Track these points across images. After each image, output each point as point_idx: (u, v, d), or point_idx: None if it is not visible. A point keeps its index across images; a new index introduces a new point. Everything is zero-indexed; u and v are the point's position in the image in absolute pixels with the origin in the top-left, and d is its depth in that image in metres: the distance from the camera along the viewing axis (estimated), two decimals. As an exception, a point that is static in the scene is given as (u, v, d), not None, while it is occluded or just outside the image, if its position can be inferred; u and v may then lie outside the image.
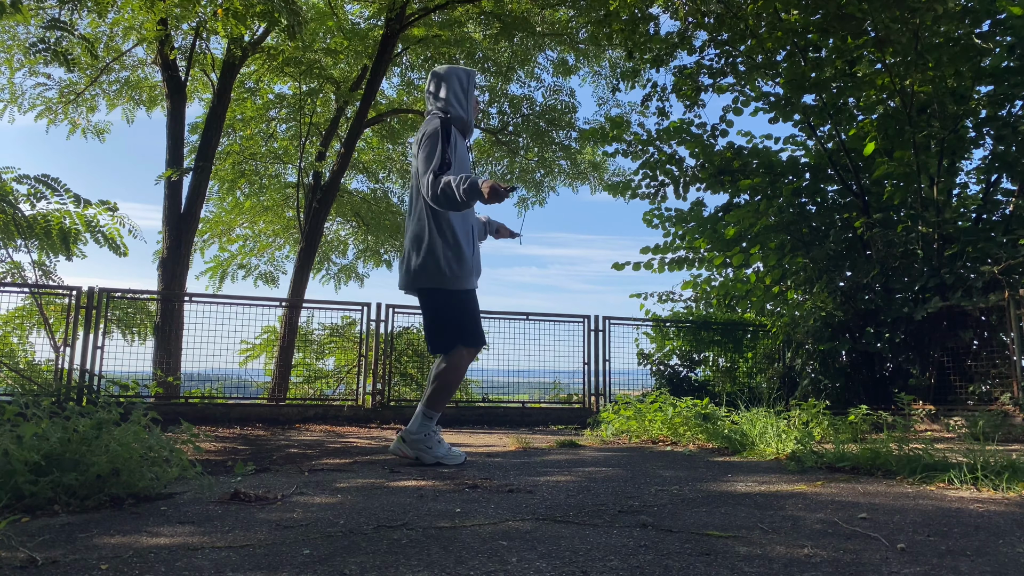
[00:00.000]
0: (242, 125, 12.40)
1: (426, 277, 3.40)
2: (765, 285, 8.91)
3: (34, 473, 2.27)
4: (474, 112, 3.62)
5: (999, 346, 6.97)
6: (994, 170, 7.99)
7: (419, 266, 3.40)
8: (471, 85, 3.55)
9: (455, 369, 3.48)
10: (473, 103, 3.58)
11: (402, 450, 3.46)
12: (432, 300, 3.47)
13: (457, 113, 3.49)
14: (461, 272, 3.36)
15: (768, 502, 2.60)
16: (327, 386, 8.81)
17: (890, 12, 6.90)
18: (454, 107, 3.49)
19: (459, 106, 3.50)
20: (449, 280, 3.37)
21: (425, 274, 3.39)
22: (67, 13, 7.91)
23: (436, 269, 3.36)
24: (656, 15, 8.38)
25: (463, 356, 3.49)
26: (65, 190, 6.29)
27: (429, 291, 3.43)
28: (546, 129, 13.27)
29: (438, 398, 3.47)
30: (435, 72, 3.56)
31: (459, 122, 3.51)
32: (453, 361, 3.47)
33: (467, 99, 3.52)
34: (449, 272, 3.35)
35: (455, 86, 3.50)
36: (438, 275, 3.37)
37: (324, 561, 1.71)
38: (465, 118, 3.52)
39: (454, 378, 3.48)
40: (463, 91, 3.51)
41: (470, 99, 3.54)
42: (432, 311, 3.51)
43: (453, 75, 3.53)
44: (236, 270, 15.00)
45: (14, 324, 7.51)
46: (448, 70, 3.54)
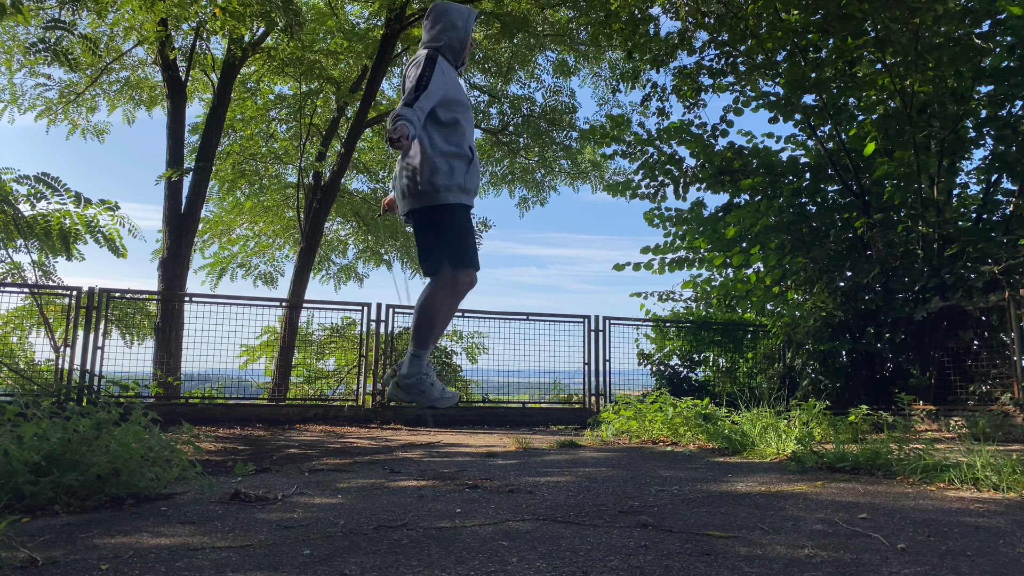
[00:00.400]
0: (242, 125, 12.40)
1: (414, 197, 3.23)
2: (765, 285, 8.91)
3: (34, 473, 2.27)
4: (470, 47, 3.64)
5: (999, 346, 6.97)
6: (994, 170, 7.99)
7: (408, 188, 3.23)
8: (470, 20, 3.57)
9: (438, 295, 3.09)
10: (469, 40, 3.60)
11: (398, 395, 3.29)
12: (420, 219, 3.29)
13: (450, 40, 3.51)
14: (451, 184, 3.23)
15: (768, 502, 2.60)
16: (327, 386, 8.81)
17: (890, 12, 6.90)
18: (449, 36, 3.49)
19: (455, 34, 3.52)
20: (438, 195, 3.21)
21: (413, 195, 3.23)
22: (67, 13, 7.92)
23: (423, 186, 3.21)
24: (656, 16, 8.39)
25: (447, 279, 3.06)
26: (65, 190, 6.29)
27: (418, 211, 3.27)
28: (546, 129, 13.27)
29: (422, 333, 3.09)
30: (434, 5, 3.58)
31: (452, 51, 3.53)
32: (436, 285, 3.08)
33: (465, 29, 3.54)
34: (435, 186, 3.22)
35: (454, 17, 3.53)
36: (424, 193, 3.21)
37: (324, 561, 1.71)
38: (459, 47, 3.54)
39: (439, 304, 3.10)
40: (462, 22, 3.54)
41: (469, 31, 3.55)
42: (420, 232, 3.31)
43: (452, 8, 3.55)
44: (235, 269, 15.00)
45: (14, 324, 7.51)
46: (448, 4, 3.56)
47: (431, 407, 3.16)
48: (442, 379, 8.16)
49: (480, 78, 13.20)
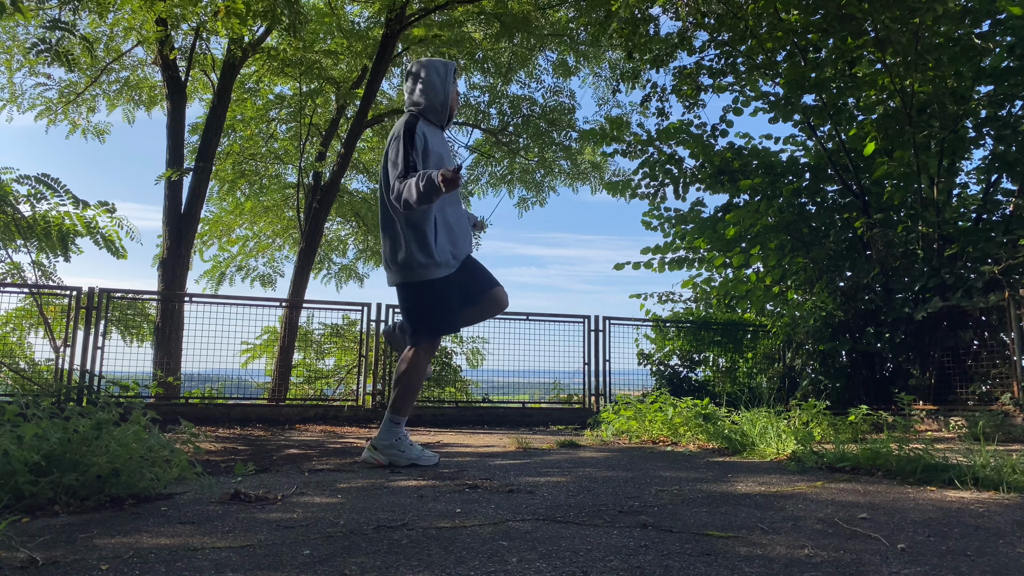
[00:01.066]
0: (242, 126, 12.40)
1: (391, 274, 3.43)
2: (765, 285, 8.92)
3: (34, 473, 2.27)
4: (454, 102, 3.60)
5: (999, 346, 6.97)
6: (994, 170, 7.99)
7: (388, 262, 3.44)
8: (449, 75, 3.53)
9: (412, 368, 3.42)
10: (452, 94, 3.55)
11: (375, 458, 3.46)
12: (403, 292, 3.49)
13: (432, 103, 3.48)
14: (426, 263, 3.34)
15: (768, 502, 2.60)
16: (327, 386, 8.81)
17: (890, 12, 6.90)
18: (429, 97, 3.48)
19: (435, 96, 3.49)
20: (414, 273, 3.36)
21: (393, 270, 3.42)
22: (67, 13, 7.91)
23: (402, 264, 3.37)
24: (656, 16, 8.39)
25: (419, 353, 3.46)
26: (65, 191, 6.29)
27: (399, 286, 3.46)
28: (546, 129, 13.27)
29: (402, 402, 3.46)
30: (411, 65, 3.56)
31: (434, 113, 3.50)
32: (410, 360, 3.45)
33: (444, 89, 3.51)
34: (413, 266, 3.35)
35: (432, 77, 3.50)
36: (404, 270, 3.38)
37: (324, 561, 1.71)
38: (441, 108, 3.51)
39: (414, 378, 3.43)
40: (440, 81, 3.50)
41: (448, 89, 3.52)
42: (402, 302, 3.56)
43: (430, 66, 3.52)
44: (234, 272, 15.00)
45: (14, 324, 7.51)
46: (424, 62, 3.53)
47: (410, 465, 3.32)
48: (442, 380, 8.17)
49: (480, 78, 13.19)
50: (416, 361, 3.43)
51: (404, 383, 3.43)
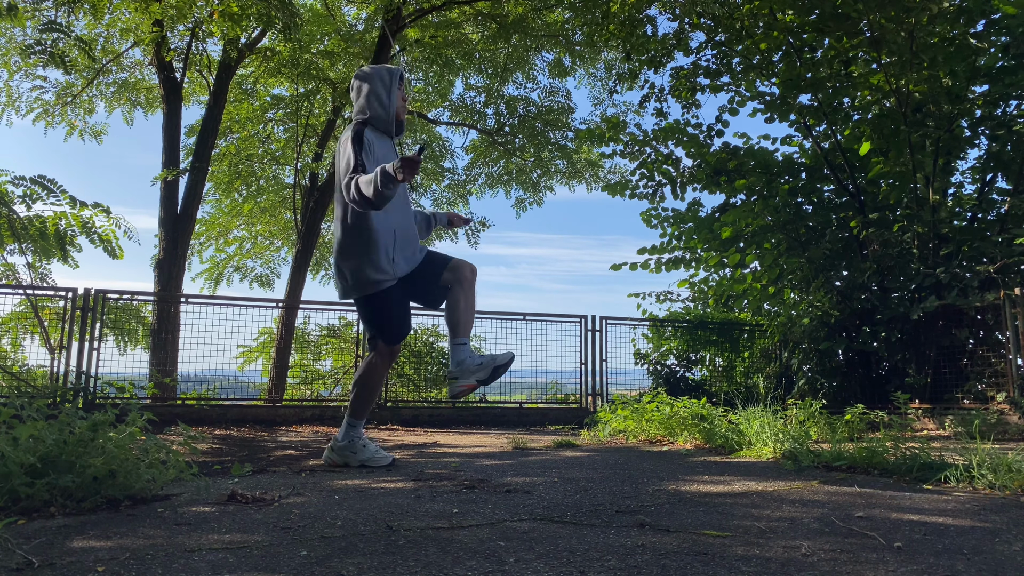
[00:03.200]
0: (239, 127, 12.38)
1: (345, 287, 3.47)
2: (762, 285, 8.93)
3: (30, 475, 2.27)
4: (400, 110, 3.58)
5: (995, 345, 6.99)
6: (989, 169, 8.02)
7: (338, 278, 3.47)
8: (394, 83, 3.50)
9: (369, 373, 3.50)
10: (398, 100, 3.54)
11: (332, 458, 3.52)
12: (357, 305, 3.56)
13: (377, 112, 3.47)
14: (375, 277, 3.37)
15: (765, 501, 2.60)
16: (324, 387, 8.80)
17: (885, 12, 6.92)
18: (373, 107, 3.47)
19: (379, 105, 3.47)
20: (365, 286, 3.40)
21: (344, 287, 3.47)
22: (63, 15, 7.90)
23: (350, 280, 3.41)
24: (654, 16, 8.40)
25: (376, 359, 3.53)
26: (61, 191, 6.28)
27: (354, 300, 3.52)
28: (542, 130, 13.27)
29: (359, 405, 3.55)
30: (356, 74, 3.54)
31: (380, 121, 3.49)
32: (368, 365, 3.53)
33: (389, 97, 3.49)
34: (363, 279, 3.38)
35: (376, 86, 3.48)
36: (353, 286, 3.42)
37: (321, 562, 1.71)
38: (386, 117, 3.49)
39: (370, 381, 3.51)
40: (385, 89, 3.48)
41: (393, 97, 3.50)
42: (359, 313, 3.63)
43: (375, 75, 3.51)
44: (232, 272, 14.97)
45: (8, 326, 7.49)
46: (370, 70, 3.52)
47: (360, 467, 3.36)
48: (439, 380, 8.16)
49: (476, 79, 13.20)
50: (373, 367, 3.52)
51: (360, 387, 3.53)
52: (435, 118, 13.70)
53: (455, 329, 3.47)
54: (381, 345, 3.51)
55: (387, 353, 3.55)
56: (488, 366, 3.38)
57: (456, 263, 3.56)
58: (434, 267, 3.53)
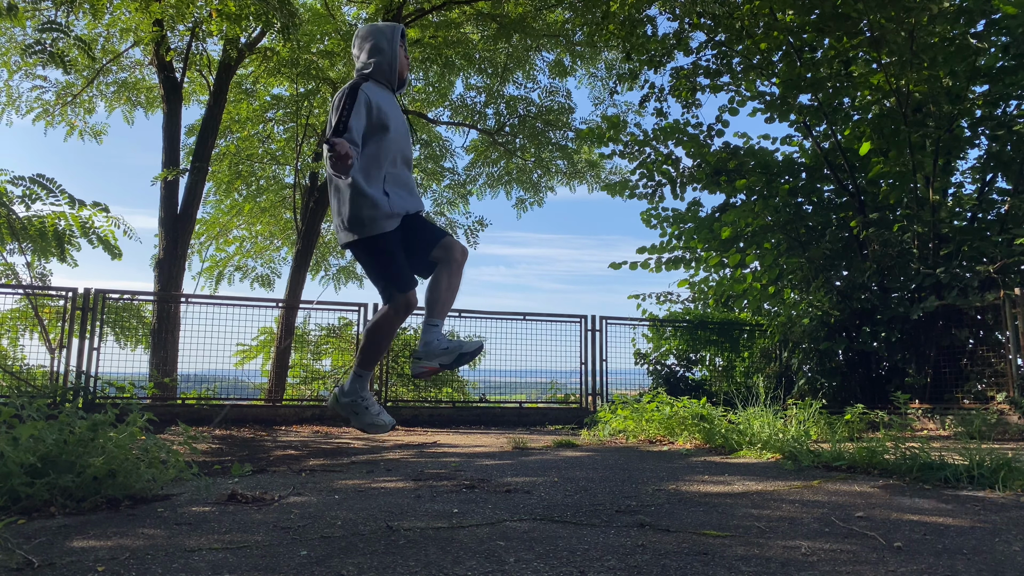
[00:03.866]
0: (239, 126, 12.38)
1: (344, 232, 3.40)
2: (762, 284, 8.93)
3: (30, 475, 2.27)
4: (403, 65, 3.59)
5: (995, 345, 6.99)
6: (989, 169, 8.01)
7: (338, 223, 3.39)
8: (396, 37, 3.53)
9: (383, 324, 3.36)
10: (401, 56, 3.56)
11: (336, 409, 3.44)
12: (356, 252, 3.46)
13: (379, 63, 3.48)
14: (368, 215, 3.32)
15: (765, 501, 2.60)
16: (324, 387, 8.80)
17: (885, 12, 6.92)
18: (376, 57, 3.48)
19: (381, 56, 3.48)
20: (360, 228, 3.32)
21: (343, 230, 3.39)
22: (63, 15, 7.89)
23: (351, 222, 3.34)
24: (654, 16, 8.40)
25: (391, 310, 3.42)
26: (60, 191, 6.27)
27: (351, 245, 3.42)
28: (543, 130, 13.27)
29: (368, 355, 3.42)
30: (358, 30, 3.55)
31: (383, 73, 3.50)
32: (383, 316, 3.42)
33: (391, 49, 3.50)
34: (357, 222, 3.31)
35: (379, 39, 3.49)
36: (351, 228, 3.34)
37: (321, 562, 1.71)
38: (388, 68, 3.51)
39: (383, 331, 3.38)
40: (387, 42, 3.50)
41: (395, 48, 3.51)
42: (360, 263, 3.52)
43: (376, 29, 3.52)
44: (232, 272, 14.97)
45: (8, 326, 7.49)
46: (370, 27, 3.53)
47: (361, 429, 3.28)
48: (439, 380, 8.16)
49: (477, 79, 13.19)
50: (388, 318, 3.40)
51: (371, 337, 3.42)
52: (435, 118, 13.70)
53: (431, 309, 3.40)
54: (397, 295, 3.44)
55: (403, 304, 3.42)
56: (454, 352, 3.27)
57: (449, 241, 3.50)
58: (427, 236, 3.48)
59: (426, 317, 3.40)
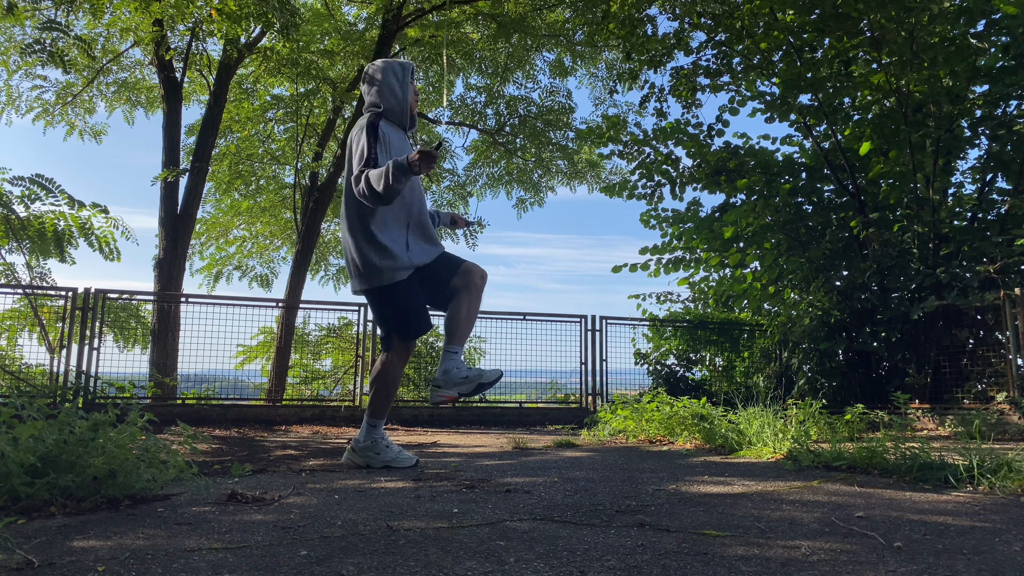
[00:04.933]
0: (239, 126, 12.38)
1: (357, 280, 3.41)
2: (762, 284, 8.93)
3: (30, 475, 2.27)
4: (413, 104, 3.57)
5: (995, 345, 6.99)
6: (989, 169, 8.01)
7: (352, 268, 3.41)
8: (407, 76, 3.51)
9: (385, 372, 3.44)
10: (411, 95, 3.54)
11: (353, 459, 3.48)
12: (369, 298, 3.49)
13: (390, 105, 3.47)
14: (384, 266, 3.32)
15: (765, 502, 2.60)
16: (324, 387, 8.80)
17: (885, 12, 6.92)
18: (387, 99, 3.46)
19: (393, 98, 3.47)
20: (375, 278, 3.34)
21: (358, 276, 3.40)
22: (63, 14, 7.90)
23: (363, 270, 3.35)
24: (653, 16, 8.40)
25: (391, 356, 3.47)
26: (60, 191, 6.28)
27: (364, 292, 3.45)
28: (543, 129, 13.28)
29: (377, 405, 3.49)
30: (368, 67, 3.55)
31: (394, 114, 3.48)
32: (383, 364, 3.47)
33: (403, 90, 3.49)
34: (372, 271, 3.32)
35: (389, 79, 3.48)
36: (366, 276, 3.35)
37: (322, 562, 1.71)
38: (400, 110, 3.49)
39: (386, 379, 3.45)
40: (398, 83, 3.48)
41: (406, 90, 3.50)
42: (372, 307, 3.56)
43: (388, 69, 3.50)
44: (232, 271, 14.97)
45: (7, 326, 7.49)
46: (382, 64, 3.52)
47: (384, 468, 3.32)
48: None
49: (477, 79, 13.19)
50: (391, 364, 3.46)
51: (378, 386, 3.47)
52: (435, 118, 13.70)
53: (451, 336, 3.39)
54: (396, 342, 3.46)
55: (402, 350, 3.45)
56: (473, 381, 3.31)
57: (467, 267, 3.48)
58: (446, 269, 3.48)
59: (446, 344, 3.40)
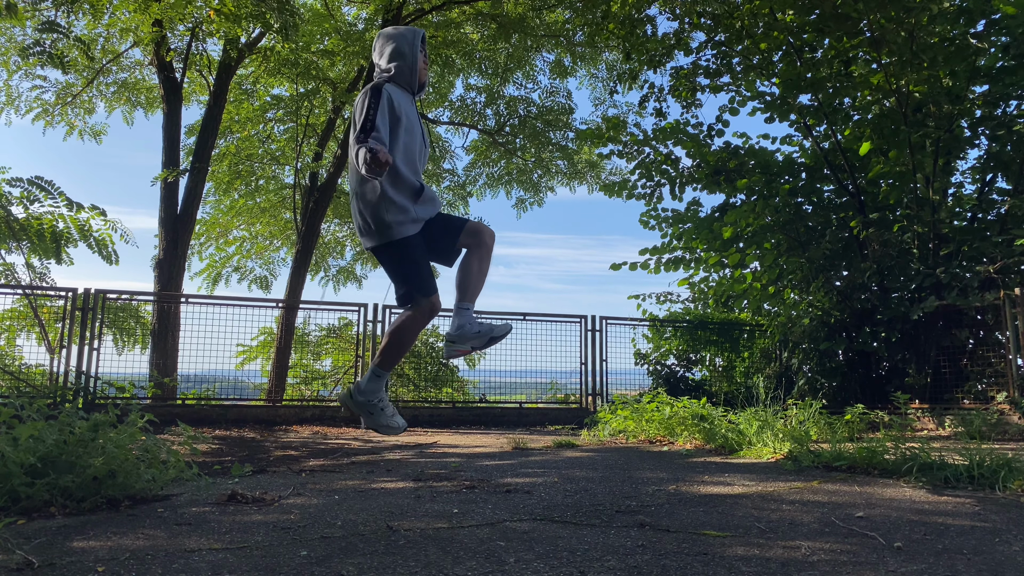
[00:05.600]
0: (239, 127, 12.38)
1: (368, 236, 3.40)
2: (761, 285, 8.93)
3: (30, 475, 2.27)
4: (423, 70, 3.60)
5: (995, 345, 6.99)
6: (989, 169, 8.01)
7: (362, 226, 3.40)
8: (417, 42, 3.55)
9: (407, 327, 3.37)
10: (421, 61, 3.57)
11: (348, 405, 3.43)
12: (380, 255, 3.46)
13: (400, 68, 3.50)
14: (394, 220, 3.32)
15: (765, 502, 2.60)
16: (324, 387, 8.80)
17: (885, 12, 6.92)
18: (397, 63, 3.49)
19: (403, 60, 3.50)
20: (385, 233, 3.33)
21: (368, 233, 3.39)
22: (63, 15, 7.90)
23: (373, 226, 3.34)
24: (653, 16, 8.40)
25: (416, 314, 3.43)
26: (59, 193, 6.28)
27: (375, 249, 3.43)
28: (543, 130, 13.27)
29: (388, 356, 3.42)
30: (380, 33, 3.57)
31: (403, 76, 3.52)
32: (406, 318, 3.41)
33: (412, 53, 3.52)
34: (382, 226, 3.32)
35: (400, 43, 3.51)
36: (377, 232, 3.34)
37: (322, 562, 1.71)
38: (410, 73, 3.52)
39: (404, 333, 3.38)
40: (408, 46, 3.52)
41: (416, 53, 3.53)
42: (384, 266, 3.53)
43: (398, 34, 3.55)
44: (231, 273, 14.97)
45: (7, 326, 7.48)
46: (392, 30, 3.55)
47: (373, 429, 3.28)
48: (439, 380, 8.16)
49: (477, 79, 13.19)
50: (413, 319, 3.38)
51: (394, 338, 3.40)
52: (435, 118, 13.70)
53: (463, 292, 3.42)
54: (420, 299, 3.44)
55: (427, 307, 3.37)
56: (486, 335, 3.35)
57: (476, 227, 3.50)
58: (452, 226, 3.48)
59: (457, 300, 3.42)
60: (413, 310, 3.42)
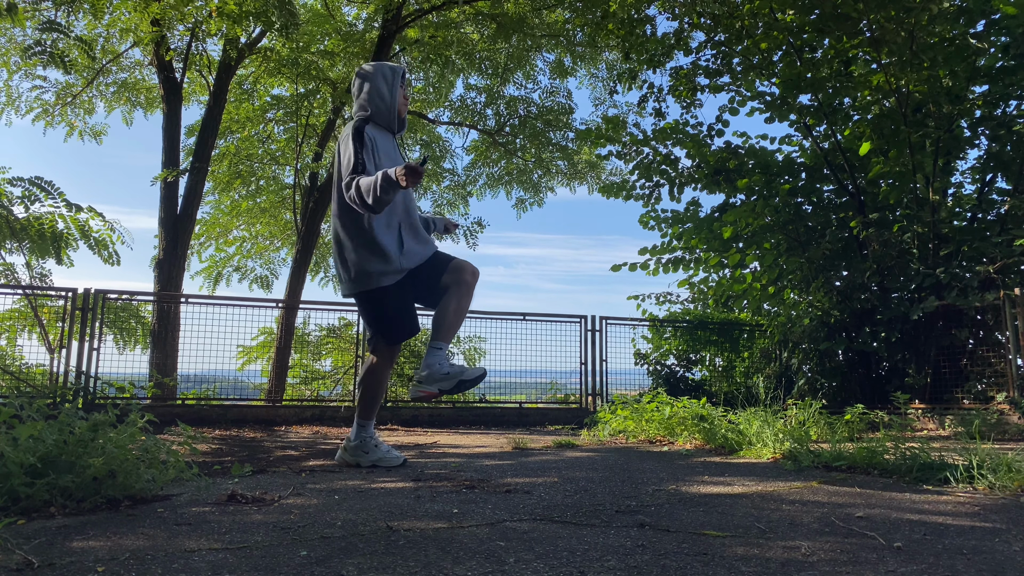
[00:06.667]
0: (239, 127, 12.38)
1: (346, 284, 3.43)
2: (761, 285, 8.93)
3: (30, 475, 2.27)
4: (402, 107, 3.57)
5: (995, 345, 6.99)
6: (989, 169, 8.02)
7: (342, 273, 3.42)
8: (396, 79, 3.51)
9: (372, 374, 3.48)
10: (400, 98, 3.54)
11: (344, 458, 3.52)
12: (358, 302, 3.50)
13: (378, 108, 3.47)
14: (374, 270, 3.33)
15: (765, 502, 2.60)
16: (324, 387, 8.80)
17: (885, 12, 6.93)
18: (375, 102, 3.47)
19: (381, 101, 3.47)
20: (363, 282, 3.35)
21: (348, 280, 3.41)
22: (63, 15, 7.90)
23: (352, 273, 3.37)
24: (653, 16, 8.40)
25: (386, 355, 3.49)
26: (59, 193, 6.29)
27: (355, 295, 3.46)
28: (543, 130, 13.28)
29: (364, 406, 3.52)
30: (358, 71, 3.54)
31: (382, 117, 3.49)
32: (371, 366, 3.51)
33: (391, 94, 3.49)
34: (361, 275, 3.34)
35: (379, 83, 3.48)
36: (355, 280, 3.37)
37: (321, 563, 1.71)
38: (388, 112, 3.49)
39: (373, 381, 3.48)
40: (387, 86, 3.48)
41: (395, 93, 3.49)
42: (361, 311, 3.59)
43: (377, 72, 3.51)
44: (231, 273, 14.97)
45: (7, 326, 7.49)
46: (372, 67, 3.52)
47: (372, 467, 3.35)
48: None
49: (477, 79, 13.19)
50: (373, 368, 3.50)
51: (367, 390, 3.53)
52: (435, 118, 13.70)
53: (436, 331, 3.39)
54: (381, 345, 3.49)
55: (387, 354, 3.51)
56: (455, 378, 3.30)
57: (458, 264, 3.50)
58: (437, 268, 3.49)
59: (431, 339, 3.41)
60: (375, 355, 3.48)
